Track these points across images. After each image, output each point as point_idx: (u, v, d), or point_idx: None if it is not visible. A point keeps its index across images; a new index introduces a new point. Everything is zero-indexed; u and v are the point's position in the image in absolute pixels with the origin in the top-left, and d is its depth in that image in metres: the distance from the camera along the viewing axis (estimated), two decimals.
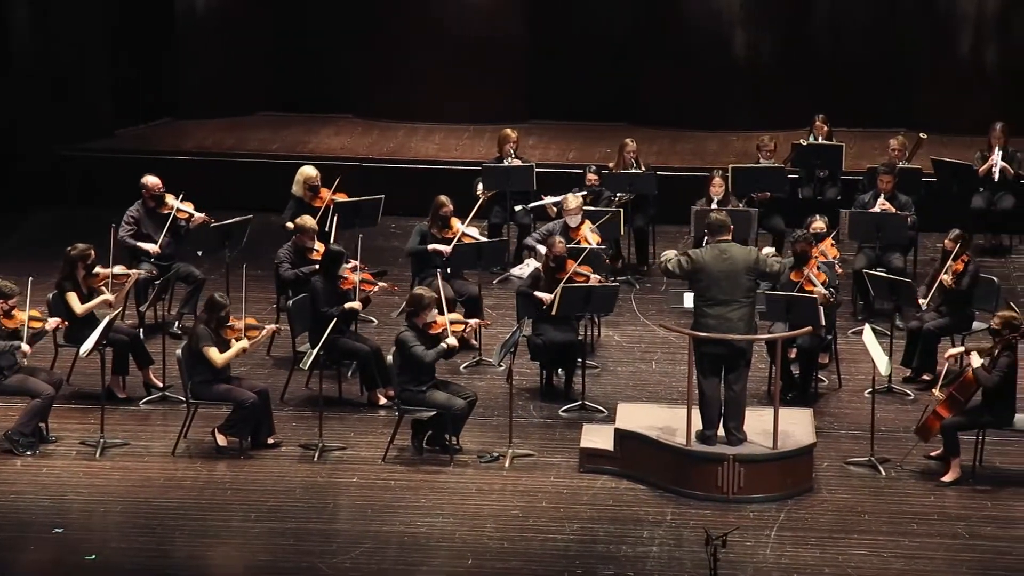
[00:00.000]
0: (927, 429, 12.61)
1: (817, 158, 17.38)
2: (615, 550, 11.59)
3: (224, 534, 11.88)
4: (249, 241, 15.64)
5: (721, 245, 12.43)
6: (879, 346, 12.85)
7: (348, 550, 11.58)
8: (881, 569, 11.35)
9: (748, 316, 12.36)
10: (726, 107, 19.90)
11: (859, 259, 15.69)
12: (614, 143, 17.73)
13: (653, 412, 13.08)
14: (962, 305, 14.19)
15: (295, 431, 13.41)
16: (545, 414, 13.80)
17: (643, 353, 15.06)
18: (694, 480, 12.34)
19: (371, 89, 20.52)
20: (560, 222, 15.51)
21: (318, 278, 13.99)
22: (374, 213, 16.02)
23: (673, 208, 17.00)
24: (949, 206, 16.83)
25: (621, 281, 15.69)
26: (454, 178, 17.53)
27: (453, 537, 11.79)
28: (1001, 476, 12.62)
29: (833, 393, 14.16)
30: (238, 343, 13.02)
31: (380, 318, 15.56)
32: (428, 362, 12.76)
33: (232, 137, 19.94)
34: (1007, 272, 16.86)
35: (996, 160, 17.01)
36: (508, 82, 20.40)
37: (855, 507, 12.20)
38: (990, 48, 19.74)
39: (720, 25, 20.04)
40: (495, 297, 16.15)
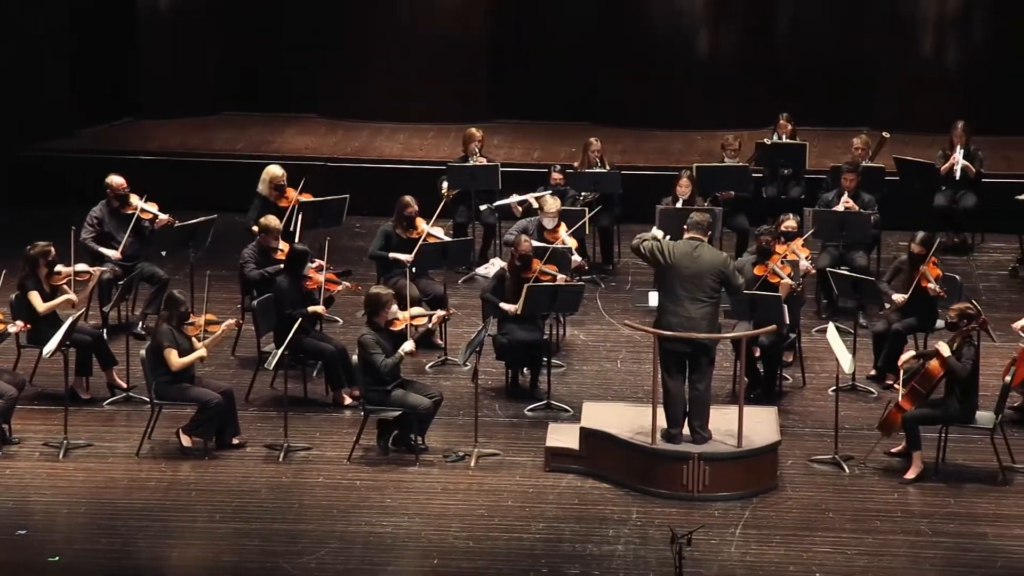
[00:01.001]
0: (889, 423, 12.67)
1: (781, 157, 17.44)
2: (581, 549, 11.61)
3: (189, 535, 11.85)
4: (213, 241, 15.60)
5: (693, 242, 12.46)
6: (843, 344, 12.90)
7: (313, 550, 11.57)
8: (845, 566, 11.40)
9: (711, 315, 12.39)
10: (690, 106, 19.95)
11: (823, 258, 15.75)
12: (579, 142, 17.76)
13: (618, 411, 13.10)
14: (929, 305, 14.23)
15: (260, 431, 13.39)
16: (511, 413, 13.81)
17: (608, 352, 15.09)
18: (659, 479, 12.37)
19: (336, 88, 20.49)
20: (534, 221, 15.51)
21: (283, 278, 13.96)
22: (339, 213, 16.00)
23: (638, 207, 17.03)
24: (912, 205, 16.91)
25: (586, 280, 15.71)
26: (419, 178, 17.53)
27: (419, 537, 11.78)
28: (964, 473, 12.69)
29: (797, 391, 14.22)
30: (197, 350, 12.97)
31: (345, 318, 15.54)
32: (384, 372, 12.72)
33: (196, 137, 19.88)
34: (969, 270, 16.96)
35: (958, 159, 17.10)
36: (472, 82, 20.40)
37: (819, 505, 12.25)
38: (951, 48, 19.85)
39: (684, 25, 20.09)
40: (460, 296, 16.15)
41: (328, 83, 20.52)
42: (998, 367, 13.57)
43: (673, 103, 19.93)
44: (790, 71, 19.97)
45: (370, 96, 20.28)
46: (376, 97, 20.27)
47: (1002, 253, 17.51)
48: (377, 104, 20.27)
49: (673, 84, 19.93)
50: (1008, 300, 16.19)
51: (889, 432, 12.75)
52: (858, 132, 17.73)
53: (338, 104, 20.52)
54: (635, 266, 17.07)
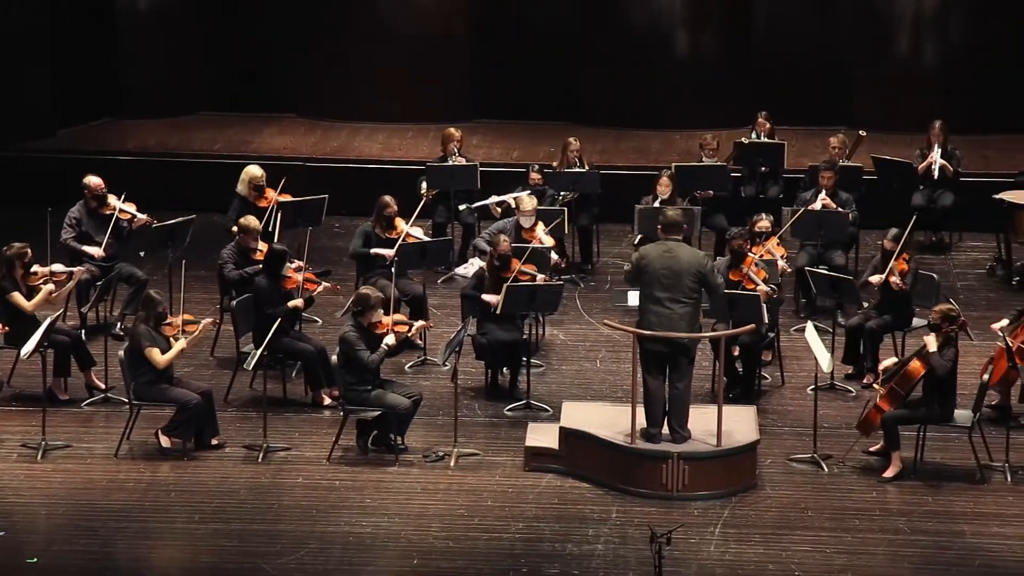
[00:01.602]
0: (868, 423, 12.71)
1: (759, 156, 17.48)
2: (560, 548, 11.62)
3: (168, 536, 11.83)
4: (192, 241, 15.58)
5: (668, 243, 12.47)
6: (821, 343, 12.93)
7: (293, 551, 11.55)
8: (824, 565, 11.43)
9: (691, 315, 12.40)
10: (668, 106, 19.97)
11: (801, 257, 15.79)
12: (558, 142, 17.76)
13: (598, 410, 13.11)
14: (902, 303, 14.29)
15: (239, 432, 13.37)
16: (490, 413, 13.81)
17: (587, 352, 15.10)
18: (639, 478, 12.38)
19: (315, 88, 20.46)
20: (511, 221, 15.51)
21: (262, 278, 13.95)
22: (317, 213, 15.99)
23: (617, 207, 17.06)
24: (889, 203, 16.95)
25: (565, 280, 15.72)
26: (398, 178, 17.52)
27: (399, 537, 11.78)
28: (942, 471, 12.73)
29: (776, 390, 14.24)
30: (177, 343, 12.95)
31: (324, 318, 15.53)
32: (372, 366, 12.74)
33: (174, 137, 19.84)
34: (947, 269, 17.01)
35: (935, 158, 17.15)
36: (452, 81, 20.39)
37: (798, 503, 12.28)
38: (929, 47, 19.91)
39: (662, 25, 20.11)
40: (440, 296, 16.15)
41: (307, 83, 20.49)
42: (976, 366, 13.62)
43: (651, 103, 19.95)
44: (768, 70, 20.01)
45: (349, 96, 20.26)
46: (355, 97, 20.25)
47: (980, 252, 17.56)
48: (356, 104, 20.25)
49: (651, 84, 19.95)
50: (986, 299, 16.24)
51: (868, 432, 12.78)
52: (836, 131, 17.77)
53: (317, 104, 20.49)
54: (614, 266, 17.09)
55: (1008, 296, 16.02)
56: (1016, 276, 16.59)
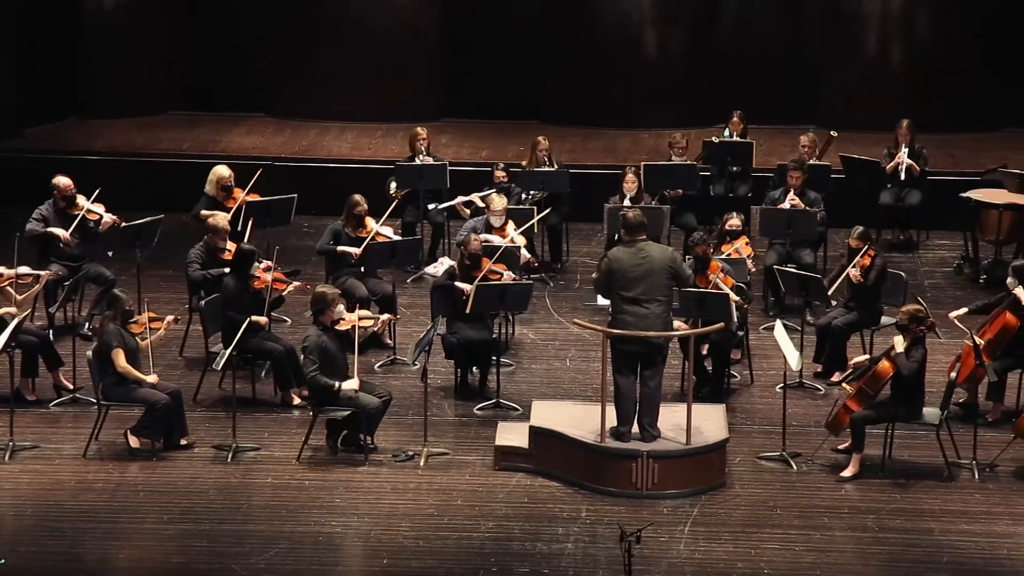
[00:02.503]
0: (837, 423, 12.75)
1: (728, 155, 17.53)
2: (530, 547, 11.62)
3: (136, 536, 11.80)
4: (160, 241, 15.53)
5: (638, 243, 12.48)
6: (790, 342, 12.97)
7: (262, 551, 11.53)
8: (793, 563, 11.46)
9: (665, 314, 12.43)
10: (637, 105, 20.01)
11: (770, 255, 15.84)
12: (527, 141, 17.78)
13: (567, 409, 13.12)
14: (870, 301, 14.35)
15: (208, 432, 13.34)
16: (460, 412, 13.81)
17: (557, 351, 15.12)
18: (608, 476, 12.40)
19: (283, 87, 20.43)
20: (482, 220, 15.51)
21: (230, 278, 13.91)
22: (286, 212, 15.96)
23: (586, 206, 17.08)
24: (858, 202, 17.02)
25: (535, 279, 15.73)
26: (367, 177, 17.49)
27: (368, 536, 11.77)
28: (910, 469, 12.78)
29: (745, 389, 14.28)
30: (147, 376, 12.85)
31: (294, 318, 15.49)
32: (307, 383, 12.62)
33: (142, 137, 19.78)
34: (915, 267, 17.08)
35: (903, 157, 17.22)
36: (421, 81, 20.39)
37: (767, 501, 12.31)
38: (896, 46, 20.00)
39: (630, 24, 20.15)
40: (409, 296, 16.15)
41: (276, 82, 20.46)
42: (943, 363, 13.69)
43: (620, 102, 19.98)
44: (736, 70, 20.07)
45: (318, 95, 20.23)
46: (324, 96, 20.22)
47: (947, 250, 17.64)
48: (325, 103, 20.22)
49: (620, 83, 19.99)
50: (953, 297, 16.30)
51: (837, 432, 12.83)
52: (804, 130, 17.83)
53: (286, 103, 20.45)
54: (584, 265, 17.11)
55: (975, 294, 16.08)
56: (983, 274, 16.67)
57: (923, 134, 17.63)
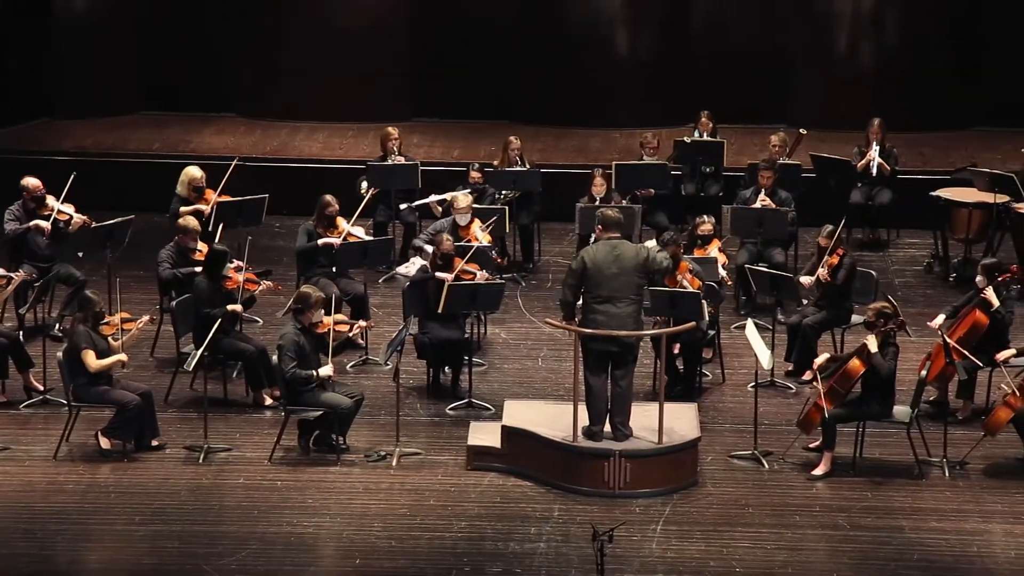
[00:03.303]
0: (808, 421, 12.79)
1: (699, 155, 17.56)
2: (503, 547, 11.63)
3: (108, 538, 11.76)
4: (131, 242, 15.49)
5: (612, 242, 12.50)
6: (761, 340, 13.00)
7: (234, 552, 11.51)
8: (764, 561, 11.50)
9: (636, 313, 12.45)
10: (608, 104, 20.03)
11: (741, 254, 15.87)
12: (498, 141, 17.78)
13: (540, 409, 13.13)
14: (840, 300, 14.40)
15: (180, 433, 13.31)
16: (432, 412, 13.81)
17: (529, 350, 15.12)
18: (581, 476, 12.41)
19: (254, 87, 20.39)
20: (449, 220, 15.51)
21: (202, 278, 13.88)
22: (258, 213, 15.93)
23: (558, 205, 17.09)
24: (828, 201, 17.07)
25: (507, 279, 15.74)
26: (338, 177, 17.48)
27: (340, 537, 11.76)
28: (880, 467, 12.83)
29: (717, 388, 14.31)
30: (115, 356, 12.86)
31: (265, 318, 15.47)
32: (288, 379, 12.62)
33: (112, 137, 19.72)
34: (885, 266, 17.14)
35: (874, 156, 17.28)
36: (392, 80, 20.38)
37: (739, 500, 12.34)
38: (866, 45, 20.07)
39: (601, 23, 20.18)
40: (381, 296, 16.14)
41: (246, 82, 20.42)
42: (914, 362, 13.73)
43: (591, 101, 20.00)
44: (707, 69, 20.11)
45: (289, 95, 20.20)
46: (295, 96, 20.19)
47: (917, 249, 17.71)
48: (296, 103, 20.19)
49: (591, 83, 20.01)
50: (923, 295, 16.37)
51: (809, 430, 12.87)
52: (775, 130, 17.88)
53: (256, 103, 20.42)
54: (555, 265, 17.12)
55: (945, 293, 16.16)
56: (953, 273, 16.74)
57: (893, 133, 17.69)
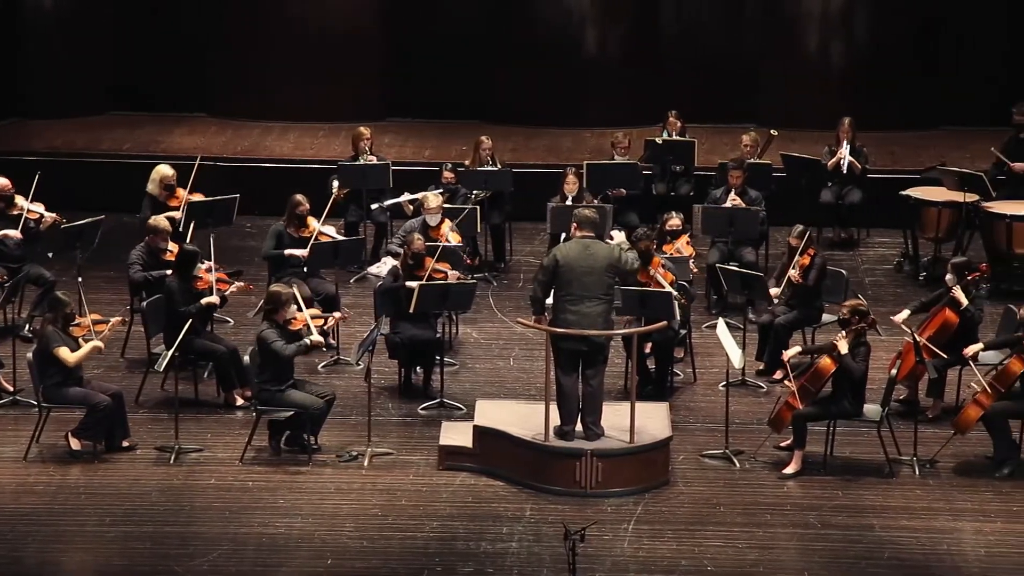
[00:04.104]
0: (780, 420, 12.83)
1: (670, 155, 17.59)
2: (475, 547, 11.63)
3: (78, 539, 11.73)
4: (102, 242, 15.45)
5: (585, 241, 12.52)
6: (732, 340, 13.03)
7: (205, 552, 11.49)
8: (736, 560, 11.52)
9: (606, 312, 12.46)
10: (580, 104, 20.05)
11: (712, 254, 15.91)
12: (470, 140, 17.79)
13: (511, 408, 13.14)
14: (811, 299, 14.44)
15: (151, 433, 13.27)
16: (404, 412, 13.80)
17: (501, 350, 15.13)
18: (553, 475, 12.42)
19: (225, 87, 20.35)
20: (419, 220, 15.51)
21: (172, 279, 13.85)
22: (228, 213, 15.91)
23: (529, 205, 17.10)
24: (799, 200, 17.12)
25: (478, 278, 15.74)
26: (310, 177, 17.46)
27: (312, 537, 11.75)
28: (851, 466, 12.87)
29: (688, 387, 14.34)
30: (90, 343, 12.84)
31: (236, 318, 15.44)
32: (287, 355, 12.66)
33: (83, 137, 19.66)
34: (855, 265, 17.19)
35: (844, 155, 17.33)
36: (363, 80, 20.36)
37: (710, 499, 12.37)
38: (836, 45, 20.13)
39: (572, 23, 20.20)
40: (353, 295, 16.12)
41: (217, 82, 20.37)
42: (884, 360, 13.78)
43: (563, 101, 20.02)
44: (678, 69, 20.15)
45: (260, 95, 20.16)
46: (266, 96, 20.15)
47: (887, 248, 17.77)
48: (267, 103, 20.16)
49: (562, 82, 20.02)
50: (893, 294, 16.43)
51: (779, 429, 12.91)
52: (746, 129, 17.92)
53: (228, 103, 20.37)
54: (527, 264, 17.13)
55: (915, 291, 16.21)
56: (923, 271, 16.81)
57: (863, 132, 17.75)
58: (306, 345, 12.80)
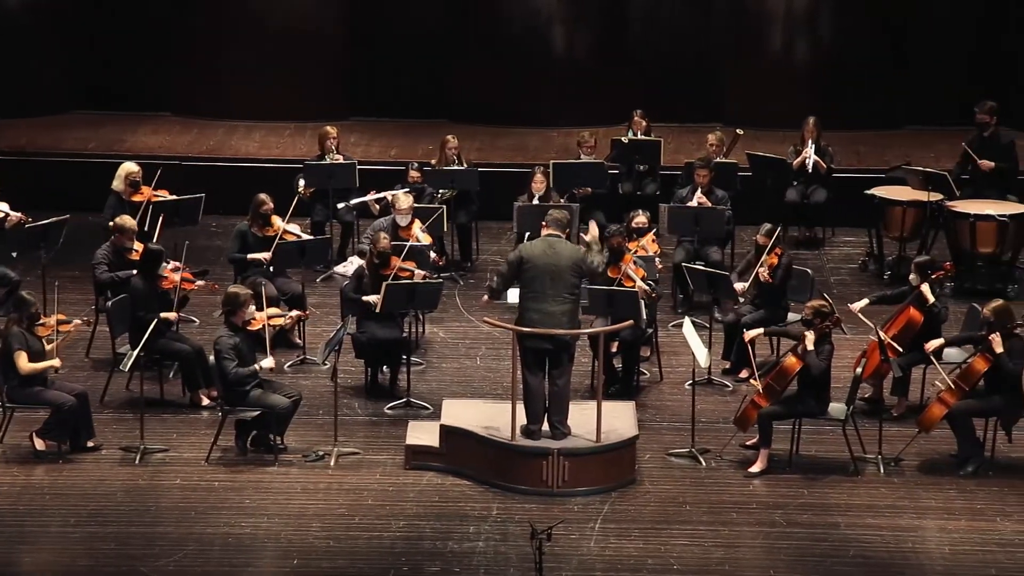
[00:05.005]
0: (745, 419, 12.87)
1: (636, 154, 17.62)
2: (441, 546, 11.63)
3: (43, 540, 11.68)
4: (66, 242, 15.38)
5: (551, 239, 12.54)
6: (698, 338, 13.06)
7: (171, 553, 11.46)
8: (702, 558, 11.55)
9: (572, 312, 12.48)
10: (546, 103, 20.06)
11: (678, 253, 15.94)
12: (436, 140, 17.77)
13: (478, 408, 13.14)
14: (777, 298, 14.48)
15: (116, 434, 13.22)
16: (370, 412, 13.79)
17: (467, 349, 15.13)
18: (519, 475, 12.43)
19: (189, 86, 20.27)
20: (388, 220, 15.49)
21: (137, 278, 13.80)
22: (194, 212, 15.86)
23: (496, 204, 17.11)
24: (764, 199, 17.16)
25: (445, 277, 15.73)
26: (276, 176, 17.42)
27: (278, 537, 11.73)
28: (816, 464, 12.91)
29: (655, 386, 14.36)
30: (48, 361, 12.76)
31: (202, 318, 15.39)
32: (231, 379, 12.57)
33: (47, 136, 19.56)
34: (820, 264, 17.25)
35: (809, 154, 17.38)
36: (329, 79, 20.32)
37: (677, 498, 12.39)
38: (800, 44, 20.19)
39: (538, 22, 20.19)
40: (319, 295, 16.09)
41: (181, 80, 20.29)
42: (849, 359, 13.83)
43: (529, 100, 20.02)
44: (644, 68, 20.17)
45: (225, 94, 20.10)
46: (231, 95, 20.09)
47: (852, 247, 17.83)
48: (232, 102, 20.09)
49: (529, 81, 20.02)
50: (858, 293, 16.43)
51: (745, 427, 12.95)
52: (711, 128, 17.95)
53: (193, 102, 20.30)
54: (493, 264, 17.12)
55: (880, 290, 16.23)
56: (887, 270, 16.87)
57: (828, 132, 17.80)
58: (254, 371, 12.66)
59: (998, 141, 17.05)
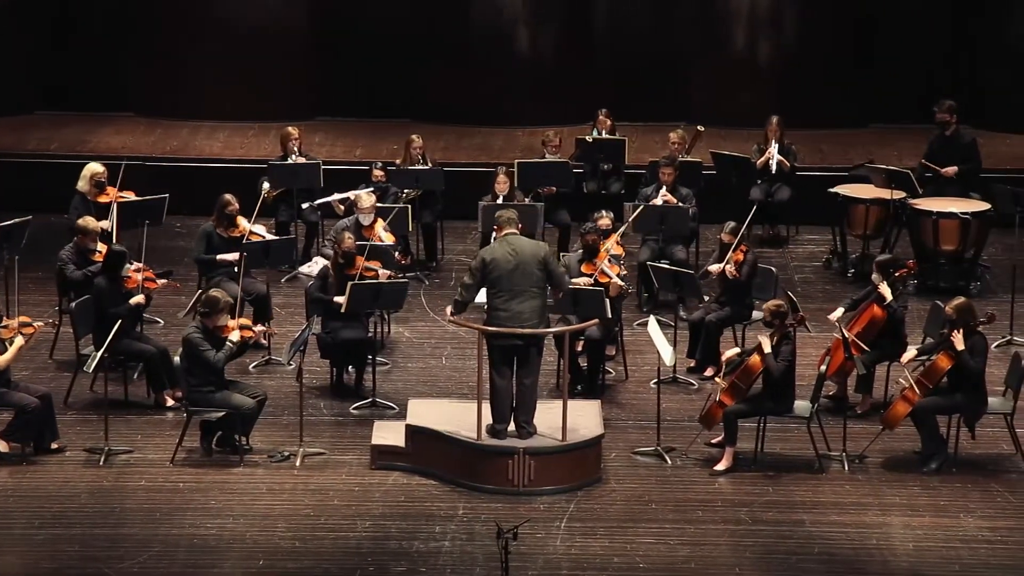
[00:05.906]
0: (711, 417, 12.90)
1: (601, 153, 17.65)
2: (407, 546, 11.63)
3: (6, 542, 11.63)
4: (29, 243, 15.30)
5: (509, 239, 12.55)
6: (664, 337, 13.09)
7: (136, 555, 11.42)
8: (668, 556, 11.58)
9: (539, 308, 12.48)
10: (511, 103, 20.06)
11: (643, 251, 15.97)
12: (401, 139, 17.74)
13: (444, 407, 13.14)
14: (742, 296, 14.52)
15: (80, 435, 13.17)
16: (336, 412, 13.77)
17: (433, 349, 15.12)
18: (485, 474, 12.43)
19: (152, 86, 20.20)
20: (352, 220, 15.47)
21: (101, 279, 13.76)
22: (158, 212, 15.81)
23: (461, 204, 17.10)
24: (728, 198, 17.20)
25: (410, 277, 15.72)
26: (240, 176, 17.36)
27: (244, 538, 11.70)
28: (781, 462, 12.95)
29: (620, 384, 14.39)
30: (16, 341, 12.72)
31: (166, 319, 15.35)
32: (220, 365, 12.62)
33: (9, 137, 19.46)
34: (785, 262, 17.31)
35: (773, 153, 17.43)
36: (293, 79, 20.26)
37: (642, 496, 12.41)
38: (763, 43, 20.25)
39: (503, 21, 20.20)
40: (284, 295, 16.07)
41: (144, 81, 20.22)
42: (814, 357, 13.89)
43: (494, 100, 20.02)
44: (608, 67, 20.20)
45: (188, 94, 20.03)
46: (194, 94, 20.02)
47: (816, 245, 17.90)
48: (196, 102, 20.03)
49: (493, 81, 20.02)
50: (822, 291, 16.56)
51: (710, 426, 12.98)
52: (675, 127, 18.00)
53: (156, 102, 20.23)
54: (459, 263, 17.12)
55: (844, 288, 16.34)
56: (851, 268, 16.94)
57: (792, 130, 17.86)
58: (231, 348, 12.69)
59: (959, 140, 17.14)
